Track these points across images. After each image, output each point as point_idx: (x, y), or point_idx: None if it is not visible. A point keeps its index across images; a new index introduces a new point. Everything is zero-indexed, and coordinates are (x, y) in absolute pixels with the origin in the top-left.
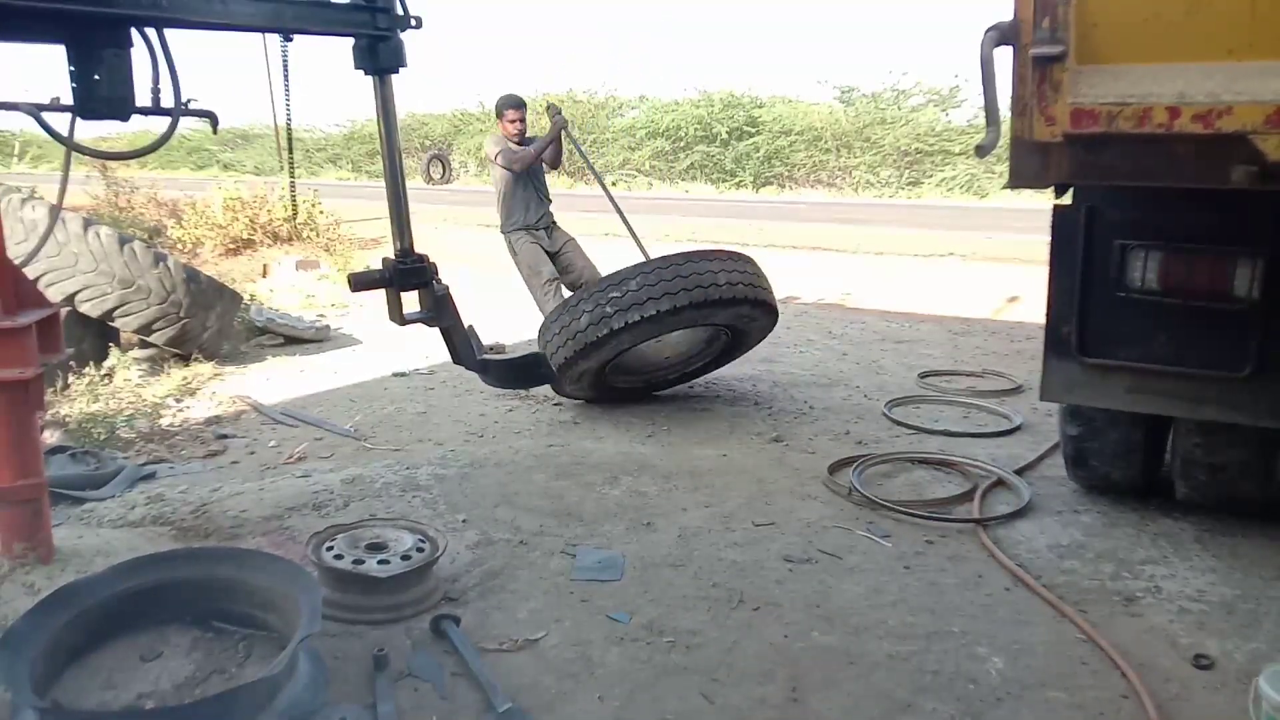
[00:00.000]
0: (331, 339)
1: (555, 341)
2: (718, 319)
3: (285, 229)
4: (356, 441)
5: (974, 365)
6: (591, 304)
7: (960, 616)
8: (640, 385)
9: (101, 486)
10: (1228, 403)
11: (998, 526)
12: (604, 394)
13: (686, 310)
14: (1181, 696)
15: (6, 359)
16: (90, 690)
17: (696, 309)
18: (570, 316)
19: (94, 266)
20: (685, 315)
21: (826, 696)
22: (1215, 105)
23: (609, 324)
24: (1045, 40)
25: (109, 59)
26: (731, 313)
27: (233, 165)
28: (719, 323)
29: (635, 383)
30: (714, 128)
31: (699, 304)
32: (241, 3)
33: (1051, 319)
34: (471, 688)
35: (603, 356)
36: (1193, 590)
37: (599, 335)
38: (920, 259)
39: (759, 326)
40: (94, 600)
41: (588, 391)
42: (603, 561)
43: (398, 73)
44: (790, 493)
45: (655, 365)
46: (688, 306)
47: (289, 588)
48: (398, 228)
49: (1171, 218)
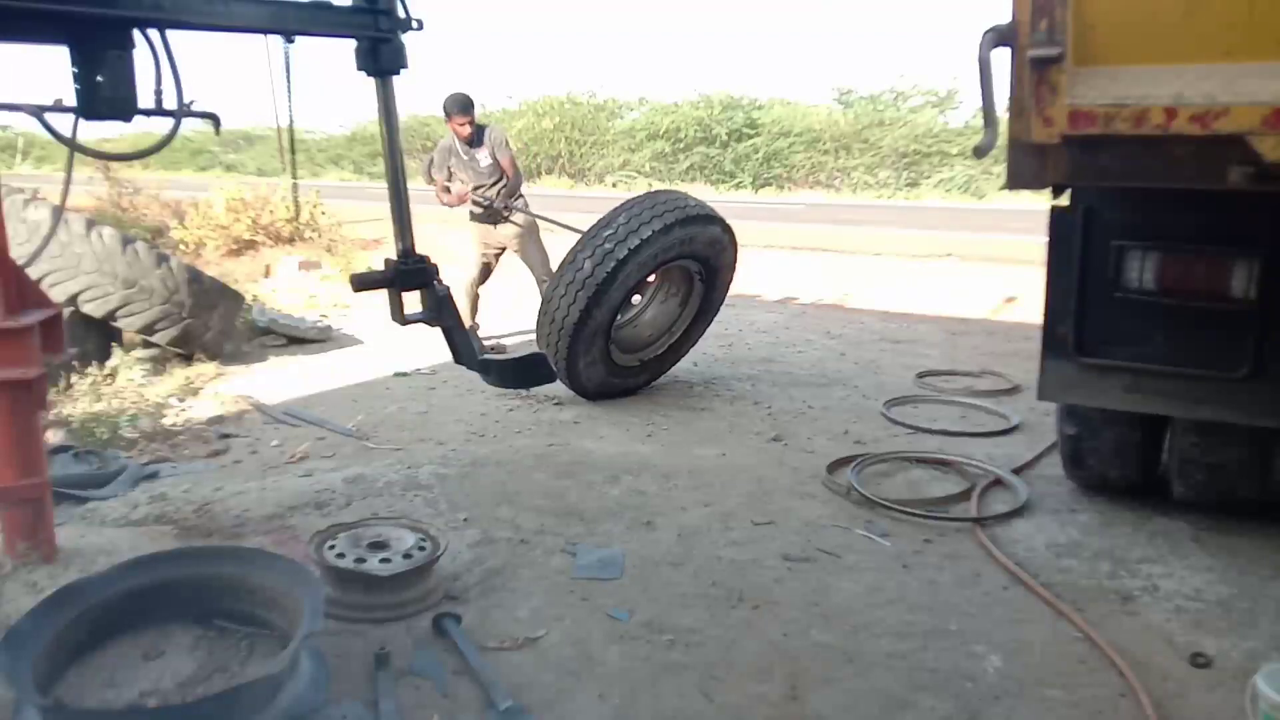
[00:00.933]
0: (333, 339)
1: (566, 299)
2: (698, 242)
3: (287, 230)
4: (358, 441)
5: (972, 365)
6: (589, 250)
7: (958, 615)
8: (636, 365)
9: (104, 486)
10: (1225, 403)
11: (995, 525)
12: (610, 377)
13: (675, 228)
14: (1178, 695)
15: (9, 359)
16: (93, 688)
17: (683, 226)
18: (573, 270)
19: (97, 267)
20: (675, 234)
21: (825, 694)
22: (1212, 106)
23: (613, 257)
24: (1043, 42)
25: (111, 60)
26: (708, 234)
27: (235, 166)
28: (698, 249)
29: (632, 361)
30: (713, 129)
31: (683, 221)
32: (244, 4)
33: (1049, 319)
34: (472, 685)
35: (613, 301)
36: (1190, 589)
37: (606, 272)
38: (918, 259)
39: (727, 260)
40: (97, 599)
41: (599, 366)
42: (603, 560)
43: (399, 74)
44: (789, 492)
45: (645, 342)
46: (675, 224)
47: (291, 586)
48: (399, 228)
49: (1169, 219)
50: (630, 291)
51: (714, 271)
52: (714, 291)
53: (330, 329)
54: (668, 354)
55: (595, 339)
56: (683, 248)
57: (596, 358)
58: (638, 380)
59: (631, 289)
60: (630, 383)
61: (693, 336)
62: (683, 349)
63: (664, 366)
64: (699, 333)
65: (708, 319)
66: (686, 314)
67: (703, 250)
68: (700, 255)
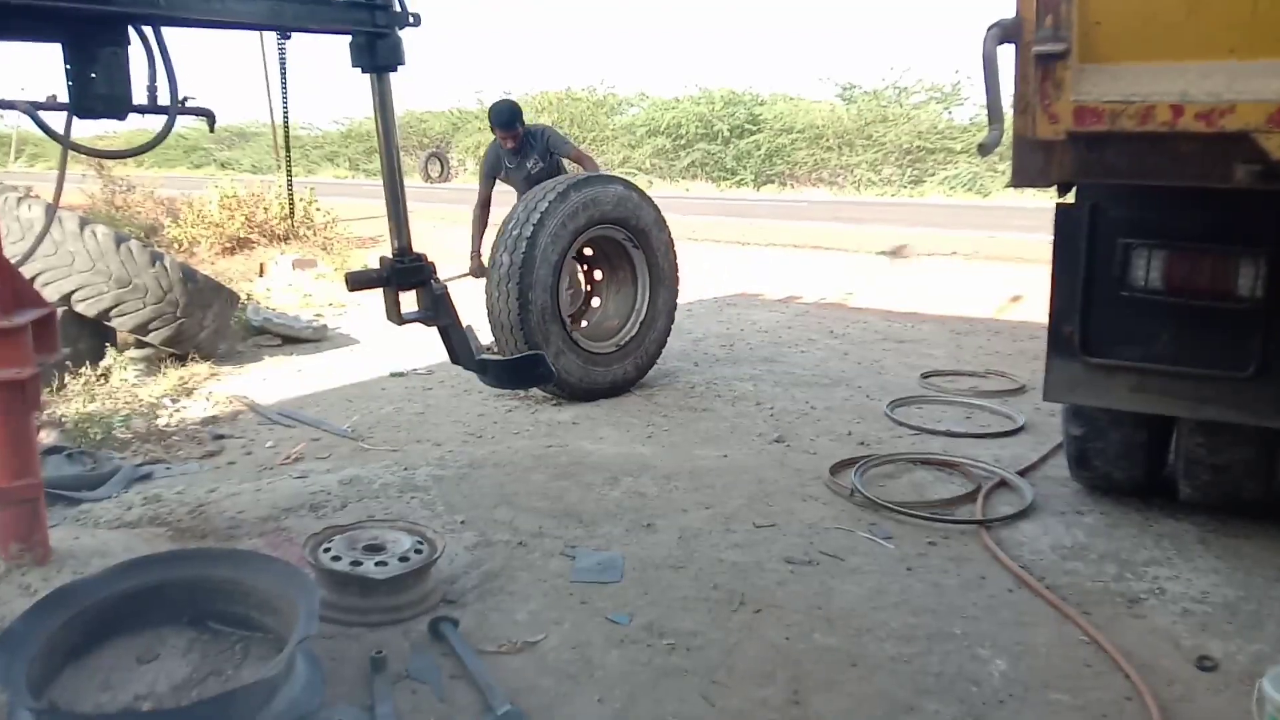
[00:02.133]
0: (329, 338)
1: (500, 297)
2: (604, 202)
3: (282, 228)
4: (354, 442)
5: (976, 365)
6: (502, 245)
7: (963, 618)
8: (614, 351)
9: (98, 487)
10: (1231, 403)
11: (1000, 527)
12: (590, 366)
13: (570, 193)
14: (1185, 698)
15: (2, 359)
16: (87, 691)
17: (577, 189)
18: (496, 269)
19: (90, 265)
20: (572, 198)
21: (828, 698)
22: (1218, 104)
23: (522, 239)
24: (1048, 38)
25: (106, 57)
26: (610, 192)
27: (230, 163)
28: (608, 211)
29: (608, 348)
30: (715, 125)
31: (576, 185)
32: (239, 0)
33: (1054, 318)
34: (470, 690)
35: (544, 280)
36: (1196, 591)
37: (522, 255)
38: (922, 258)
39: (649, 217)
40: (91, 601)
41: (570, 356)
42: (602, 563)
43: (396, 70)
44: (791, 493)
45: (615, 329)
46: (569, 189)
47: (286, 589)
48: (395, 226)
49: (1175, 217)
50: (559, 264)
51: (641, 233)
52: (654, 255)
53: (325, 328)
54: (642, 331)
55: (547, 325)
56: (591, 211)
57: (562, 347)
58: (622, 367)
59: (558, 262)
60: (616, 371)
61: (660, 308)
62: (657, 323)
63: (647, 348)
64: (665, 303)
65: (668, 287)
66: (641, 287)
67: (614, 211)
68: (616, 218)
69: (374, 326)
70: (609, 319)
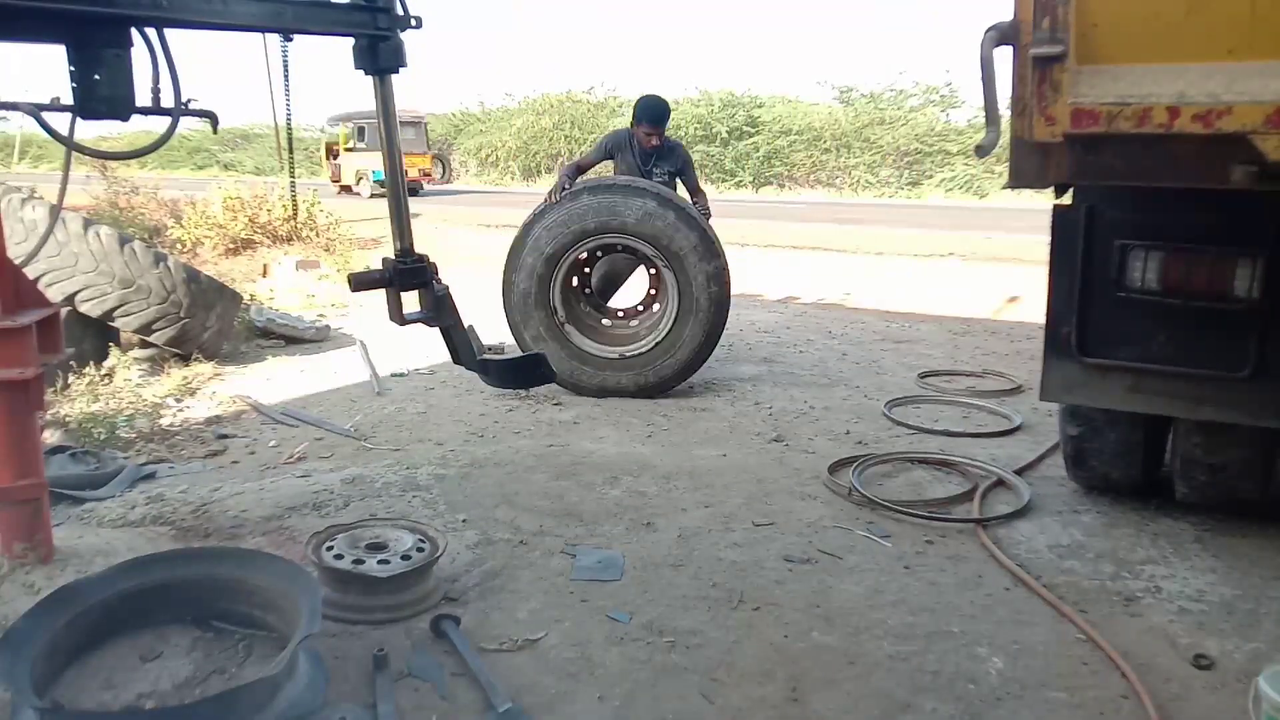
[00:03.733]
0: (331, 339)
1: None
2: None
3: (285, 229)
4: (356, 441)
5: (974, 365)
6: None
7: (960, 617)
8: (615, 358)
9: (101, 486)
10: (1228, 403)
11: (998, 526)
12: (579, 364)
13: (583, 195)
14: (1181, 696)
15: (6, 359)
16: (90, 690)
17: (592, 194)
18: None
19: (94, 266)
20: (584, 200)
21: (826, 696)
22: (1215, 105)
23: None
24: (1045, 40)
25: (109, 59)
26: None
27: (233, 165)
28: (630, 225)
29: (609, 353)
30: (713, 127)
31: (593, 189)
32: (242, 2)
33: (1051, 319)
34: (471, 688)
35: (528, 266)
36: (1193, 590)
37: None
38: (920, 259)
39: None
40: (94, 600)
41: (549, 344)
42: (603, 561)
43: (398, 72)
44: (790, 493)
45: (630, 338)
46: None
47: (289, 588)
48: (398, 227)
49: (1172, 218)
50: (556, 257)
51: (675, 256)
52: (688, 283)
53: (328, 329)
54: (655, 354)
55: (529, 309)
56: (604, 217)
57: (543, 334)
58: (618, 377)
59: (555, 255)
60: (609, 379)
61: (684, 339)
62: (676, 352)
63: (659, 371)
64: (693, 336)
65: (700, 321)
66: (668, 310)
67: (637, 225)
68: (641, 233)
69: (376, 327)
70: (630, 328)
